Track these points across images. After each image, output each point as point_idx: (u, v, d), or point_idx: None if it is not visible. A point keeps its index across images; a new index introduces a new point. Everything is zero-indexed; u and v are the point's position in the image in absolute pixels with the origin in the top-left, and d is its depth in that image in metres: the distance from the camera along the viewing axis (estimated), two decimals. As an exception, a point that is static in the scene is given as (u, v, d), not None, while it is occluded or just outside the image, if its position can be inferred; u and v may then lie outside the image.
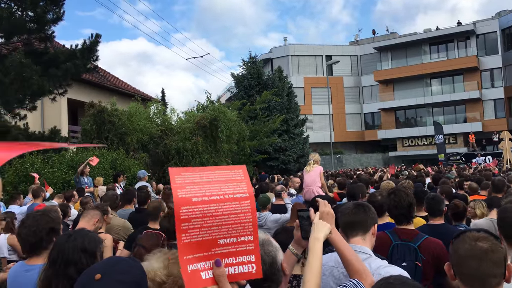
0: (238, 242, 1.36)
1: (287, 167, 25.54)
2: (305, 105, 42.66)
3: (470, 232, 1.72)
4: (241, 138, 17.51)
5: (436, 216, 4.22)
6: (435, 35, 41.58)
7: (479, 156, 28.18)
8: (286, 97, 27.38)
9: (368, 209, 2.36)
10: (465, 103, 39.94)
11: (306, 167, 8.21)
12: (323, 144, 40.95)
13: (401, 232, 3.13)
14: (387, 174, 13.31)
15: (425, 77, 41.87)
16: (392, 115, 43.75)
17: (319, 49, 45.82)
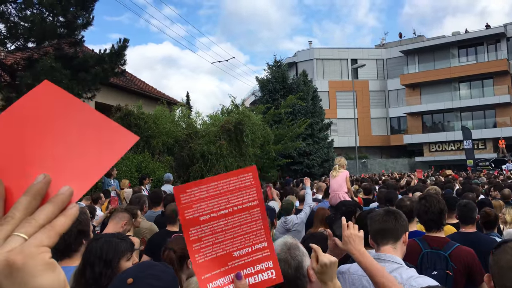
0: (253, 251, 1.35)
1: (311, 171, 25.39)
2: (329, 109, 42.41)
3: (510, 243, 1.67)
4: (266, 142, 17.49)
5: (468, 224, 4.12)
6: (464, 38, 40.70)
7: (510, 162, 27.35)
8: (310, 101, 27.27)
9: (400, 217, 2.30)
10: (495, 108, 38.88)
11: (332, 171, 8.12)
12: (347, 149, 40.56)
13: (431, 240, 3.05)
14: (414, 179, 13.06)
15: (453, 81, 40.98)
16: (418, 119, 42.97)
17: (344, 52, 45.49)
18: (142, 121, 13.59)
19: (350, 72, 34.35)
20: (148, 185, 10.40)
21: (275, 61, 27.74)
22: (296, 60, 45.72)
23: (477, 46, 40.46)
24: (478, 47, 40.45)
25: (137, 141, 4.37)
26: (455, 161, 35.90)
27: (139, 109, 14.19)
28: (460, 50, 41.37)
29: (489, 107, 39.10)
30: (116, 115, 13.60)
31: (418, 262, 2.92)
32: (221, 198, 1.32)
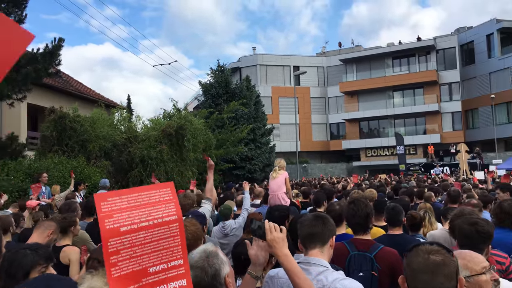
0: (168, 268, 1.33)
1: (253, 176, 25.59)
2: (272, 115, 43.03)
3: (424, 245, 1.74)
4: (208, 146, 17.44)
5: (395, 226, 4.30)
6: (397, 49, 43.03)
7: (438, 166, 29.17)
8: (253, 106, 27.51)
9: (327, 221, 2.40)
10: (425, 115, 41.37)
11: (272, 173, 8.23)
12: (289, 153, 41.25)
13: (358, 242, 3.19)
14: (350, 183, 13.58)
15: (388, 89, 43.14)
16: (356, 125, 44.73)
17: (287, 59, 46.44)
18: (78, 124, 13.05)
19: (293, 79, 35.12)
20: (82, 192, 9.98)
21: (218, 65, 27.73)
22: (240, 66, 46.01)
23: (410, 57, 42.91)
24: (410, 58, 42.89)
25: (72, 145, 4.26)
26: (389, 166, 37.71)
27: (74, 112, 13.61)
28: (394, 60, 43.67)
29: (420, 114, 41.55)
30: (49, 118, 12.96)
31: (345, 265, 3.04)
32: (142, 210, 1.30)
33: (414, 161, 36.93)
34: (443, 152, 36.72)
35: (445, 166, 29.13)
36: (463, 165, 21.44)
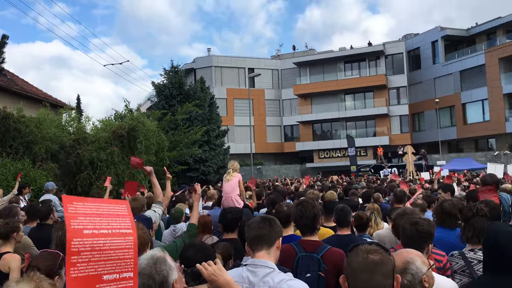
0: (119, 279, 1.37)
1: (207, 178, 25.47)
2: (227, 116, 43.02)
3: (363, 245, 1.78)
4: (160, 148, 17.15)
5: (343, 227, 4.41)
6: (349, 54, 44.29)
7: (386, 168, 30.28)
8: (207, 108, 27.39)
9: (274, 223, 2.44)
10: (374, 118, 42.80)
11: (225, 175, 8.23)
12: (244, 155, 41.36)
13: (305, 244, 3.25)
14: (302, 185, 13.82)
15: (340, 92, 44.28)
16: (309, 128, 45.56)
17: (242, 61, 46.59)
18: (23, 125, 12.46)
19: (247, 81, 35.32)
20: (27, 195, 9.54)
21: (172, 66, 27.38)
22: (195, 67, 45.68)
23: (360, 62, 44.28)
24: (361, 63, 44.26)
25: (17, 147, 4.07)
26: (341, 167, 38.68)
27: (19, 112, 12.99)
28: (346, 64, 44.91)
29: (370, 117, 42.95)
30: (-9, 118, 12.29)
31: (293, 266, 3.10)
32: (103, 218, 1.36)
33: (364, 162, 38.11)
34: (391, 153, 38.20)
35: (394, 167, 30.28)
36: (410, 166, 22.39)
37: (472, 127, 38.63)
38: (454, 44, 41.88)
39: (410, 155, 22.46)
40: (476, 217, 3.44)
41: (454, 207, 4.43)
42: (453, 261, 3.32)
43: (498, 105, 36.51)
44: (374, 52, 43.21)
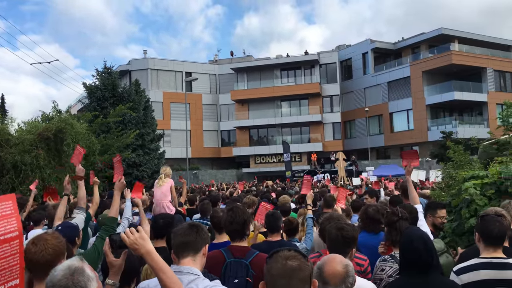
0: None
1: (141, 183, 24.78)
2: (163, 120, 42.36)
3: (282, 251, 1.82)
4: (91, 152, 16.46)
5: (274, 232, 4.49)
6: (285, 62, 45.31)
7: (319, 173, 31.26)
8: (142, 111, 26.73)
9: (201, 230, 2.43)
10: (309, 125, 44.08)
11: (157, 181, 8.10)
12: (180, 160, 40.85)
13: (234, 249, 3.27)
14: (237, 190, 13.90)
15: (276, 99, 45.13)
16: (246, 133, 45.94)
17: (179, 65, 46.06)
18: None
19: (184, 85, 34.93)
20: None
21: (105, 67, 26.40)
22: (130, 69, 44.45)
23: (296, 70, 45.46)
24: (297, 71, 45.45)
25: None
26: (276, 172, 39.35)
27: None
28: (282, 72, 45.91)
29: (305, 124, 44.16)
30: None
31: (222, 272, 3.11)
32: None
33: (299, 168, 39.06)
34: (324, 159, 39.54)
35: (326, 173, 31.31)
36: (341, 172, 23.27)
37: (398, 135, 41.02)
38: (382, 56, 44.34)
39: (342, 161, 23.38)
40: (400, 220, 3.64)
41: (377, 212, 4.65)
42: (387, 265, 3.42)
43: (421, 115, 39.10)
44: (309, 61, 44.57)
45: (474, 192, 4.92)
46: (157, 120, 30.97)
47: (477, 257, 3.13)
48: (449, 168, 7.66)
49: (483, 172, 5.48)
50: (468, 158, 7.80)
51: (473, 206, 4.89)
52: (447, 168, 7.77)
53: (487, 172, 5.40)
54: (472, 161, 7.69)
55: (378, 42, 43.66)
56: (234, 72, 46.43)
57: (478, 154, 8.65)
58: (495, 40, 42.38)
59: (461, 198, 5.16)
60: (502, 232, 3.08)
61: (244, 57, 49.91)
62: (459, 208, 5.20)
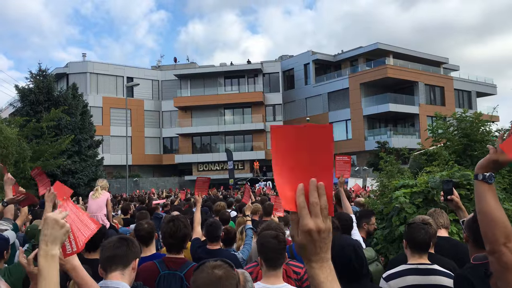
0: None
1: (77, 191, 23.72)
2: (102, 126, 41.18)
3: (208, 262, 1.84)
4: (21, 158, 15.54)
5: (214, 242, 4.47)
6: (229, 70, 45.53)
7: (262, 181, 31.57)
8: (79, 117, 25.69)
9: (132, 243, 2.37)
10: (252, 133, 44.46)
11: (92, 193, 7.80)
12: (120, 167, 39.69)
13: (169, 261, 3.21)
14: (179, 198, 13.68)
15: (220, 107, 45.14)
16: (189, 140, 45.48)
17: (120, 69, 44.89)
18: None
19: (125, 90, 34.04)
20: None
21: (40, 69, 25.12)
22: (68, 72, 42.66)
23: (240, 78, 45.81)
24: (240, 79, 45.80)
25: None
26: (219, 180, 39.21)
27: None
28: (226, 80, 46.05)
29: (248, 132, 44.49)
30: None
31: (155, 285, 3.04)
32: None
33: (242, 175, 39.22)
34: (266, 167, 39.97)
35: (268, 181, 31.67)
36: (282, 180, 23.62)
37: (337, 145, 42.32)
38: (323, 68, 45.80)
39: (283, 169, 23.74)
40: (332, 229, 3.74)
41: (313, 220, 4.78)
42: None
43: (359, 125, 40.73)
44: (253, 70, 45.07)
45: (404, 201, 5.17)
46: (96, 125, 29.94)
47: (404, 264, 3.28)
48: (382, 177, 7.99)
49: (412, 181, 5.77)
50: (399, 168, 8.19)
51: (403, 214, 5.13)
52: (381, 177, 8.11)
53: (416, 181, 5.70)
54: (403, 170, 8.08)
55: (319, 54, 45.07)
56: (177, 79, 45.92)
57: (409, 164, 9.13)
58: (426, 56, 45.22)
59: (392, 206, 5.40)
60: (427, 239, 3.25)
61: (187, 63, 49.53)
62: (390, 216, 5.44)
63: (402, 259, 3.48)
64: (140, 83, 35.76)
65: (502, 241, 1.80)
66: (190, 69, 46.57)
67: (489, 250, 1.85)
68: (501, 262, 1.81)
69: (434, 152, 7.73)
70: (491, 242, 1.83)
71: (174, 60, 50.31)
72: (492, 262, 1.84)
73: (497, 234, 1.81)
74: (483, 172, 1.90)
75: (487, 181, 1.88)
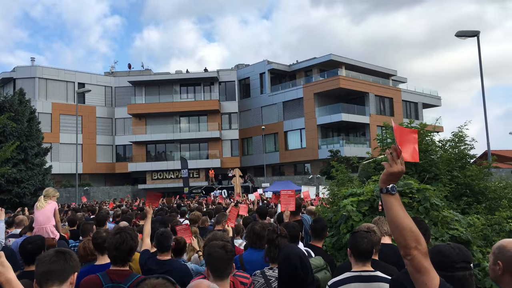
0: None
1: (22, 201, 22.65)
2: (51, 133, 39.98)
3: (149, 280, 1.81)
4: (-40, 167, 14.68)
5: (164, 252, 4.40)
6: (185, 77, 45.22)
7: (216, 189, 31.44)
8: (26, 123, 24.59)
9: (70, 257, 2.29)
10: (207, 141, 44.26)
11: (37, 203, 7.44)
12: (70, 175, 38.37)
13: (113, 274, 3.14)
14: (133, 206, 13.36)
15: (175, 114, 44.67)
16: (143, 148, 44.62)
17: (71, 75, 43.57)
18: None
19: (77, 96, 32.94)
20: None
21: (-17, 73, 23.90)
22: (15, 77, 40.89)
23: (196, 86, 45.59)
24: (196, 87, 45.58)
25: None
26: (174, 189, 38.68)
27: None
28: (181, 88, 45.66)
29: (203, 140, 44.26)
30: None
31: (98, 298, 2.96)
32: None
33: (197, 184, 38.85)
34: (221, 176, 39.87)
35: (224, 189, 31.58)
36: (237, 188, 23.65)
37: (292, 153, 43.02)
38: (278, 77, 46.49)
39: (238, 178, 23.80)
40: (279, 238, 3.80)
41: (263, 229, 4.80)
42: (255, 279, 3.59)
43: (312, 134, 41.55)
44: (209, 78, 44.99)
45: (351, 209, 5.34)
46: (44, 132, 28.76)
47: (349, 271, 3.38)
48: (332, 185, 8.19)
49: (360, 190, 5.96)
50: (349, 176, 8.43)
51: (350, 222, 5.29)
52: (331, 185, 8.31)
53: (363, 190, 5.89)
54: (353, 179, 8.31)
55: (275, 63, 45.71)
56: (131, 85, 45.03)
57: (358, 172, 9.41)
58: (376, 68, 46.98)
59: (340, 214, 5.55)
60: (369, 248, 3.35)
61: (142, 70, 48.76)
62: (338, 224, 5.58)
63: (347, 266, 3.57)
64: (92, 89, 34.80)
65: (413, 245, 1.98)
66: (145, 76, 45.83)
67: (403, 254, 2.02)
68: (414, 264, 1.98)
69: (382, 160, 8.02)
70: (404, 247, 2.00)
71: (128, 66, 49.44)
72: (407, 265, 2.02)
73: (408, 239, 1.99)
74: (386, 185, 2.08)
75: (390, 193, 2.07)
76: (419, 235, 2.01)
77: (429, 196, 5.29)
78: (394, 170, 2.07)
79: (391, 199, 2.06)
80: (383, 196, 2.09)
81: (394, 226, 2.04)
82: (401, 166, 2.05)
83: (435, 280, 1.99)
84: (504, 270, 2.21)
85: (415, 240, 1.98)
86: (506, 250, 2.24)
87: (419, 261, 1.97)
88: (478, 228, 5.70)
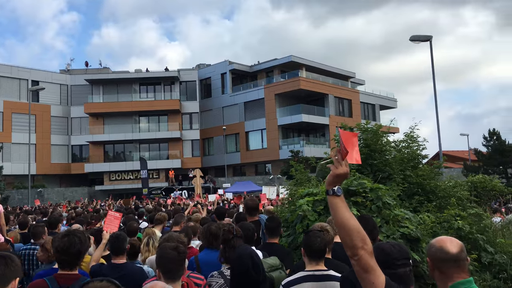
0: None
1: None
2: (3, 132, 38.97)
3: (93, 283, 1.82)
4: None
5: (119, 255, 4.29)
6: (145, 76, 44.52)
7: (177, 190, 31.08)
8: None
9: (11, 261, 2.19)
10: (168, 142, 43.72)
11: (-21, 207, 7.10)
12: (22, 176, 36.96)
13: (61, 278, 3.05)
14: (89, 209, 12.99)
15: (134, 114, 43.84)
16: (101, 148, 43.51)
17: (24, 72, 41.93)
18: None
19: (30, 94, 31.63)
20: None
21: None
22: (-38, 73, 38.78)
23: (156, 85, 44.90)
24: (156, 86, 44.91)
25: None
26: (133, 190, 37.89)
27: None
28: (141, 87, 44.86)
29: (164, 140, 43.67)
30: None
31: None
32: None
33: (157, 185, 38.27)
34: (182, 176, 39.47)
35: (184, 190, 31.27)
36: (198, 188, 23.50)
37: (253, 153, 43.18)
38: (240, 78, 46.56)
39: (198, 178, 23.65)
40: (234, 238, 3.81)
41: (219, 229, 4.80)
42: (214, 280, 3.57)
43: (273, 135, 41.89)
44: (169, 77, 44.44)
45: (307, 208, 5.41)
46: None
47: (302, 270, 3.42)
48: (291, 185, 8.28)
49: (316, 190, 6.05)
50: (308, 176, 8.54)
51: (306, 222, 5.36)
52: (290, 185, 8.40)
53: (319, 190, 5.98)
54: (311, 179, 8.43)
55: (236, 64, 45.72)
56: (88, 84, 43.82)
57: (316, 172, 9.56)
58: (336, 70, 47.98)
59: (297, 214, 5.61)
60: (322, 247, 3.40)
61: (100, 68, 47.45)
62: (294, 224, 5.65)
63: (301, 265, 3.61)
64: (46, 87, 33.61)
65: (360, 245, 2.03)
66: (103, 74, 44.66)
67: (350, 255, 2.08)
68: (361, 264, 2.04)
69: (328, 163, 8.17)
70: (351, 247, 2.05)
71: (85, 64, 48.01)
72: (354, 265, 2.06)
73: (354, 240, 2.04)
74: (332, 187, 2.14)
75: (336, 194, 2.12)
76: (365, 235, 2.06)
77: (382, 195, 5.44)
78: (339, 172, 2.12)
79: (337, 200, 2.11)
80: (329, 198, 2.14)
81: (341, 227, 2.08)
82: (346, 168, 2.11)
83: (381, 278, 2.05)
84: (433, 266, 2.28)
85: (362, 240, 2.03)
86: (431, 246, 2.31)
87: (366, 260, 2.02)
88: (428, 225, 5.93)
